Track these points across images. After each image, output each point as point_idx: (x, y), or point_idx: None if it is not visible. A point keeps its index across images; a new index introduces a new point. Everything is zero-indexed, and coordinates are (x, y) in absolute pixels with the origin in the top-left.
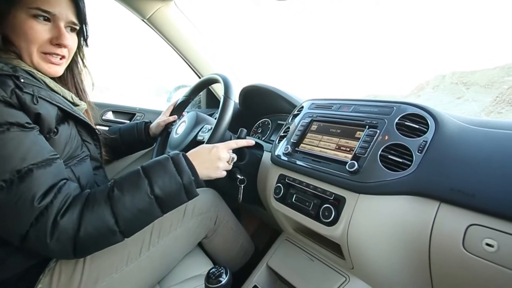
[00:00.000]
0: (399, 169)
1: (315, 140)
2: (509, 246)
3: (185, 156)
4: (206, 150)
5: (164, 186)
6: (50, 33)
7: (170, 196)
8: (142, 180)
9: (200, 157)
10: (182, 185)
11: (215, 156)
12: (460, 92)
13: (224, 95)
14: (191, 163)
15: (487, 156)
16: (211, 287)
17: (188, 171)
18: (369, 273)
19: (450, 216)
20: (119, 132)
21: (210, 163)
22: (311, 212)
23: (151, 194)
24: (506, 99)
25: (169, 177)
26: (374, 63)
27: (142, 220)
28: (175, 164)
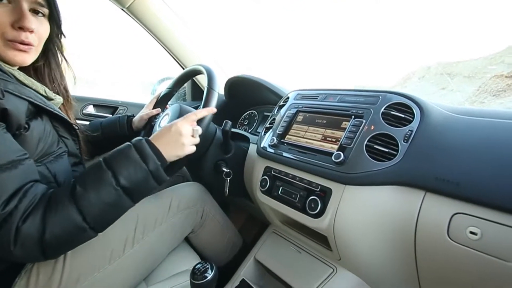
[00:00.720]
0: (385, 159)
1: (301, 131)
2: (492, 233)
3: (148, 141)
4: (166, 130)
5: (130, 176)
6: (11, 16)
7: (138, 185)
8: (105, 172)
9: (163, 138)
10: (149, 172)
11: (177, 133)
12: (445, 83)
13: (208, 86)
14: (155, 147)
15: (471, 144)
16: (196, 283)
17: (152, 156)
18: (356, 263)
19: (435, 205)
20: (100, 127)
21: (173, 142)
22: (297, 204)
23: (116, 186)
24: (488, 89)
25: (133, 165)
26: (361, 55)
27: (113, 212)
28: (138, 151)
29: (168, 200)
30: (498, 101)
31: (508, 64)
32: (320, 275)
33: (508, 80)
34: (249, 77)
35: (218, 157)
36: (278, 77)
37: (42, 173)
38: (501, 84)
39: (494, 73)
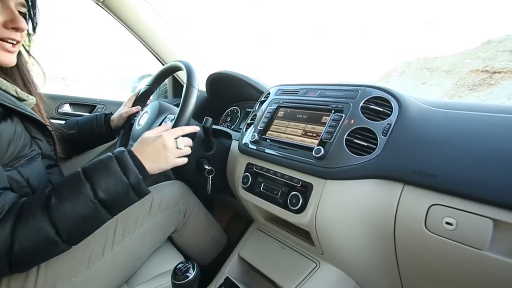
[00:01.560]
0: (365, 153)
1: (282, 127)
2: (466, 223)
3: (130, 153)
4: (150, 141)
5: (109, 189)
6: (1, 16)
7: (117, 198)
8: (83, 184)
9: (146, 151)
10: (129, 185)
11: (160, 146)
12: (425, 78)
13: (187, 82)
14: (137, 159)
15: (447, 136)
16: (178, 284)
17: (134, 169)
18: (338, 257)
19: (413, 197)
20: (76, 126)
21: (156, 155)
22: (279, 200)
23: (94, 199)
24: (465, 84)
25: (114, 178)
26: (344, 51)
27: (88, 226)
28: (119, 163)
29: (149, 200)
30: (475, 95)
31: (483, 59)
32: (303, 270)
33: (483, 75)
34: (231, 73)
35: (200, 155)
36: (262, 73)
37: (14, 178)
38: (477, 79)
39: (470, 68)
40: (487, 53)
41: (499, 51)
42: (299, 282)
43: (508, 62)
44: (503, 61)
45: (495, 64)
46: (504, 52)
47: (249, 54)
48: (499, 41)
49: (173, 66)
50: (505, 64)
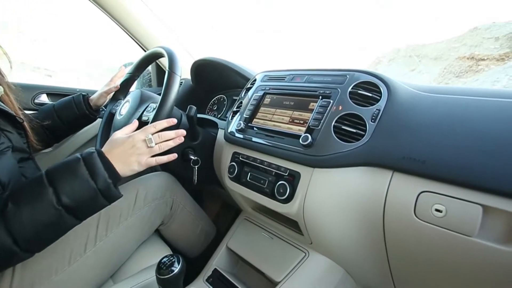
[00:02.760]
0: (353, 140)
1: (269, 114)
2: (456, 210)
3: (101, 155)
4: (121, 141)
5: (74, 194)
6: None
7: (84, 204)
8: (45, 189)
9: (115, 152)
10: (97, 190)
11: (129, 147)
12: (414, 64)
13: (169, 69)
14: (108, 161)
15: (437, 122)
16: (162, 278)
17: (103, 173)
18: (327, 246)
19: (402, 184)
20: (53, 111)
21: (127, 157)
22: (266, 190)
23: (57, 204)
24: (452, 71)
25: (79, 182)
26: (333, 39)
27: (51, 233)
28: (87, 166)
29: (134, 192)
30: (461, 81)
31: (469, 46)
32: (292, 260)
33: (469, 62)
34: (216, 60)
35: (185, 145)
36: (250, 58)
37: None
38: (463, 66)
39: (457, 55)
40: (473, 40)
41: (485, 38)
42: (288, 272)
43: (493, 49)
44: (489, 48)
45: (481, 51)
46: (489, 39)
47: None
48: (485, 28)
49: (154, 53)
50: (490, 51)
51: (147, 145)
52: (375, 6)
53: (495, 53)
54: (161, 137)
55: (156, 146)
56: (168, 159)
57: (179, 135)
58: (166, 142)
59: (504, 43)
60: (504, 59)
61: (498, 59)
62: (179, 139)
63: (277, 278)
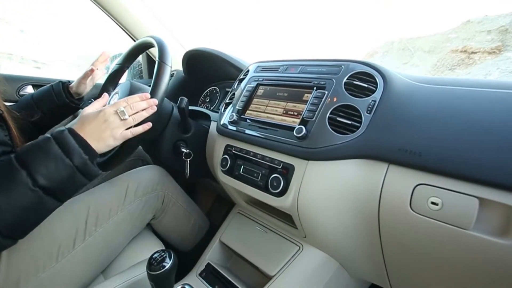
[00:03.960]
0: (348, 132)
1: (262, 106)
2: (452, 203)
3: (72, 132)
4: (90, 118)
5: (50, 174)
6: None
7: (62, 183)
8: (18, 172)
9: (88, 128)
10: (74, 168)
11: (101, 122)
12: (407, 57)
13: (159, 59)
14: (81, 138)
15: (433, 113)
16: (153, 274)
17: (78, 149)
18: (321, 240)
19: (398, 177)
20: (32, 101)
21: (100, 132)
22: (259, 183)
23: (34, 186)
24: (445, 64)
25: (54, 161)
26: (326, 31)
27: (32, 216)
28: (60, 144)
29: (124, 186)
30: (454, 74)
31: (462, 39)
32: (286, 254)
33: (462, 55)
34: (208, 50)
35: (177, 137)
36: (243, 52)
37: None
38: (456, 59)
39: (450, 48)
40: (466, 33)
41: (477, 32)
42: (282, 266)
43: (485, 43)
44: (481, 41)
45: (473, 45)
46: (481, 32)
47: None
48: (478, 22)
49: (144, 43)
50: (482, 44)
51: (120, 118)
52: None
53: (487, 46)
54: (133, 108)
55: (129, 118)
56: (143, 129)
57: (151, 104)
58: (140, 113)
59: (495, 37)
60: (495, 52)
61: (489, 52)
62: (152, 108)
63: (271, 272)
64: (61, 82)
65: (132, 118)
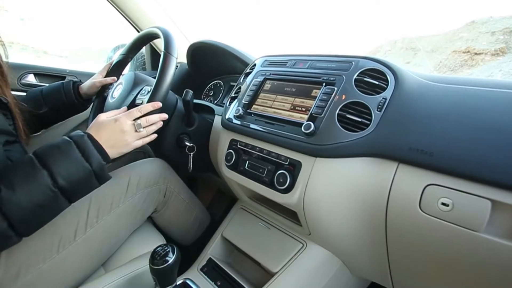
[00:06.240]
0: (358, 129)
1: (269, 101)
2: (463, 204)
3: (91, 138)
4: (106, 125)
5: (70, 176)
6: None
7: (79, 186)
8: (39, 171)
9: (105, 135)
10: (92, 172)
11: (118, 131)
12: (409, 57)
13: (164, 50)
14: (99, 144)
15: (446, 112)
16: (156, 269)
17: (97, 155)
18: (326, 238)
19: (408, 177)
20: (41, 96)
21: (115, 140)
22: (265, 179)
23: (53, 187)
24: (448, 64)
25: (75, 165)
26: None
27: (45, 216)
28: (80, 149)
29: (126, 179)
30: (457, 76)
31: (465, 40)
32: (289, 251)
33: (464, 56)
34: (213, 43)
35: (180, 131)
36: (247, 46)
37: None
38: (458, 60)
39: (453, 49)
40: (469, 34)
41: (481, 33)
42: (285, 263)
43: (489, 44)
44: (484, 43)
45: (476, 46)
46: (486, 33)
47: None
48: (482, 23)
49: (149, 33)
50: (486, 45)
51: (135, 129)
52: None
53: (491, 48)
54: (148, 121)
55: (144, 130)
56: (150, 139)
57: (162, 118)
58: (152, 126)
59: (499, 38)
60: (499, 54)
61: (493, 53)
62: (161, 121)
63: (273, 268)
64: (72, 81)
65: (145, 130)
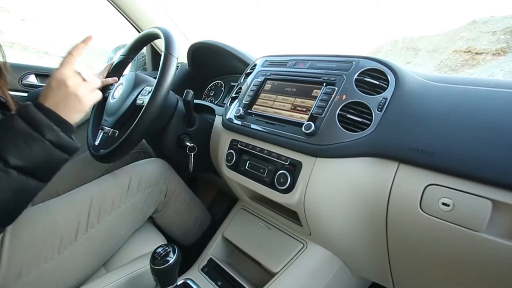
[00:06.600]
0: (358, 129)
1: (269, 101)
2: (464, 204)
3: (37, 105)
4: (48, 86)
5: (21, 153)
6: None
7: (40, 161)
8: None
9: (50, 98)
10: (48, 142)
11: (62, 86)
12: (410, 57)
13: (165, 51)
14: (48, 109)
15: (446, 112)
16: (157, 269)
17: (47, 122)
18: (327, 238)
19: (409, 177)
20: None
21: (64, 98)
22: (265, 179)
23: (5, 167)
24: (449, 64)
25: (22, 138)
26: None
27: (15, 200)
28: (25, 119)
29: (127, 179)
30: (458, 75)
31: (466, 40)
32: (290, 251)
33: (465, 55)
34: (214, 43)
35: (181, 131)
36: (247, 46)
37: None
38: (459, 59)
39: (454, 49)
40: (470, 34)
41: (482, 32)
42: (285, 263)
43: (490, 44)
44: (485, 42)
45: (477, 45)
46: (487, 33)
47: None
48: (483, 22)
49: (150, 33)
50: (487, 45)
51: (82, 78)
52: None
53: (492, 47)
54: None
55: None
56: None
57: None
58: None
59: (500, 38)
60: (500, 53)
61: (494, 53)
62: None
63: (274, 269)
64: None
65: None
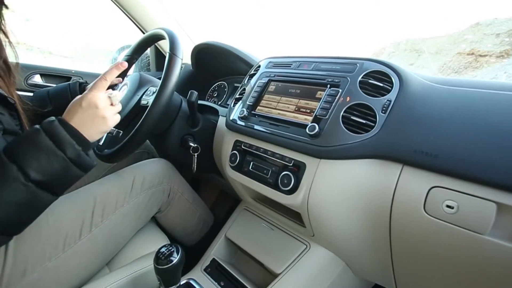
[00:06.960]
0: (362, 131)
1: (273, 102)
2: (468, 207)
3: (62, 122)
4: (78, 105)
5: (42, 168)
6: None
7: (57, 176)
8: (7, 166)
9: (78, 116)
10: (68, 160)
11: (93, 107)
12: (413, 59)
13: (170, 52)
14: (72, 128)
15: (451, 115)
16: (161, 268)
17: (70, 140)
18: (330, 239)
19: (412, 179)
20: (47, 97)
21: (91, 118)
22: (269, 180)
23: (26, 181)
24: (452, 66)
25: (45, 154)
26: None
27: (27, 212)
28: (50, 136)
29: (131, 179)
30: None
31: (470, 42)
32: (293, 252)
33: (469, 58)
34: (218, 44)
35: (185, 131)
36: (251, 47)
37: None
38: (462, 61)
39: (457, 51)
40: (474, 36)
41: (486, 34)
42: (288, 264)
43: (494, 46)
44: (489, 45)
45: (481, 48)
46: (490, 35)
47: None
48: (487, 24)
49: (154, 34)
50: (491, 47)
51: (110, 103)
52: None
53: (495, 50)
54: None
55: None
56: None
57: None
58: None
59: (504, 40)
60: (503, 56)
61: (497, 56)
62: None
63: (277, 270)
64: (78, 82)
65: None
